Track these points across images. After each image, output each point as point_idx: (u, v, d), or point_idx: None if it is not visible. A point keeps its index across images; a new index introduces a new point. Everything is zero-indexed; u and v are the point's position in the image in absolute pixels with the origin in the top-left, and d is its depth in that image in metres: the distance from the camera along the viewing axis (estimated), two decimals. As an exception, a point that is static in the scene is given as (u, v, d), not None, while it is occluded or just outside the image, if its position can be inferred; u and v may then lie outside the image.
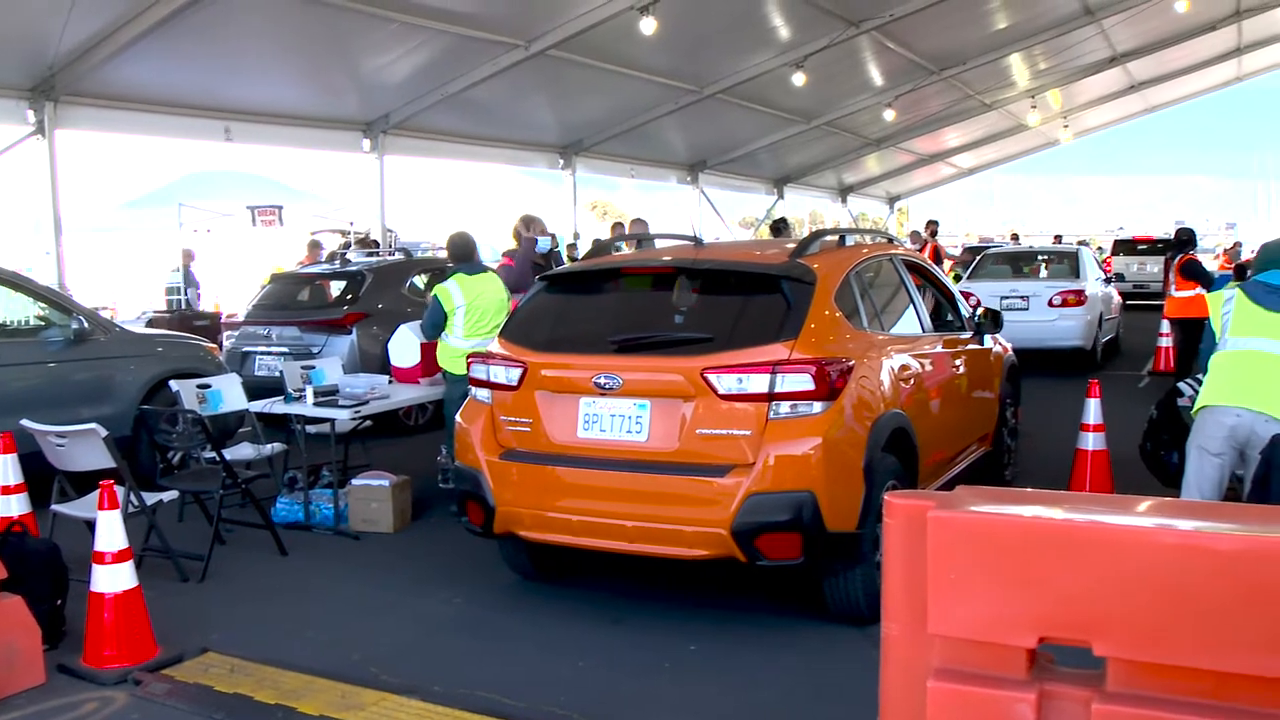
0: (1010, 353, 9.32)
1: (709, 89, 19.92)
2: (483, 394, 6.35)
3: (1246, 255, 29.62)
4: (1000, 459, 8.85)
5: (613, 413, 5.85)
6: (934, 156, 34.29)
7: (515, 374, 6.13)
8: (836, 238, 7.26)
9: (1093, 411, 8.56)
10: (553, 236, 10.42)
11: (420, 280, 12.91)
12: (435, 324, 8.42)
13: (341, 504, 8.13)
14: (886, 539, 2.12)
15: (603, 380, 5.79)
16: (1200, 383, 6.24)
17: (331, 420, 8.11)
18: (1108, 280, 19.30)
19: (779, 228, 18.81)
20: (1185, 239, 15.20)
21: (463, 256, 8.69)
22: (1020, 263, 19.10)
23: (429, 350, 8.92)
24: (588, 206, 62.88)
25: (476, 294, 8.42)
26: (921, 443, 6.49)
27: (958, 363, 7.79)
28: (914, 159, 33.62)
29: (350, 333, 11.53)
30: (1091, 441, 8.53)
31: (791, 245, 6.64)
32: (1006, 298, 16.17)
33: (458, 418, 6.54)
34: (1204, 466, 5.88)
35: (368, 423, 8.96)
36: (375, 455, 9.45)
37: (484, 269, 8.77)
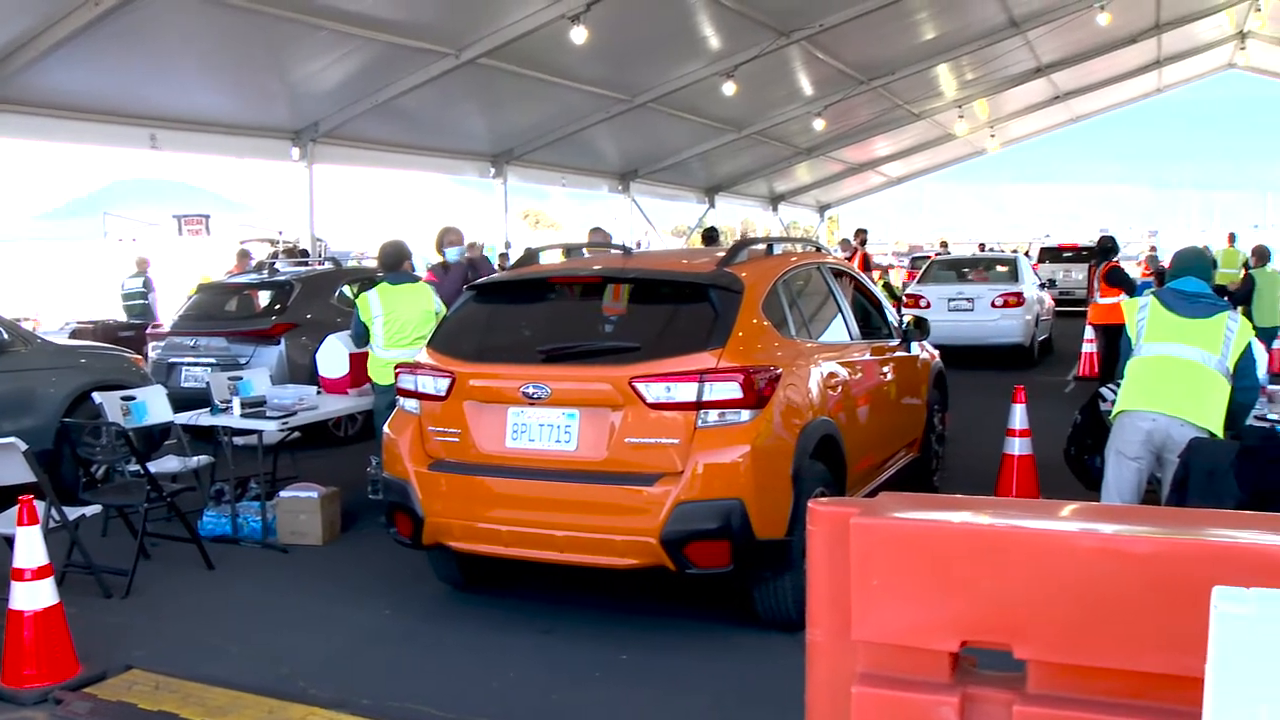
0: (938, 359, 9.45)
1: (640, 98, 19.98)
2: (411, 404, 6.30)
3: (1165, 262, 30.20)
4: (929, 464, 8.93)
5: (541, 422, 5.83)
6: (863, 165, 34.64)
7: (443, 384, 6.09)
8: (764, 246, 7.31)
9: (1018, 417, 8.70)
10: (470, 246, 10.43)
11: (350, 290, 12.80)
12: (358, 334, 8.42)
13: (269, 516, 8.03)
14: (810, 546, 2.14)
15: (531, 390, 5.77)
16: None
17: (259, 432, 8.01)
18: (1042, 285, 20.46)
19: (711, 236, 18.89)
20: (1109, 247, 15.47)
21: (391, 266, 8.64)
22: (965, 268, 20.09)
23: (358, 361, 8.84)
24: (519, 215, 62.73)
25: (396, 305, 8.31)
26: (849, 450, 6.54)
27: (885, 370, 7.86)
28: (844, 168, 33.94)
29: (278, 343, 11.39)
30: (1017, 447, 8.66)
31: (720, 254, 6.70)
32: (953, 299, 17.96)
33: (385, 428, 6.50)
34: (1122, 470, 5.99)
35: (296, 434, 8.87)
36: (304, 467, 9.35)
37: (411, 279, 8.71)
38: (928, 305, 17.99)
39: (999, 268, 19.70)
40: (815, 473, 6.04)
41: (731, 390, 5.56)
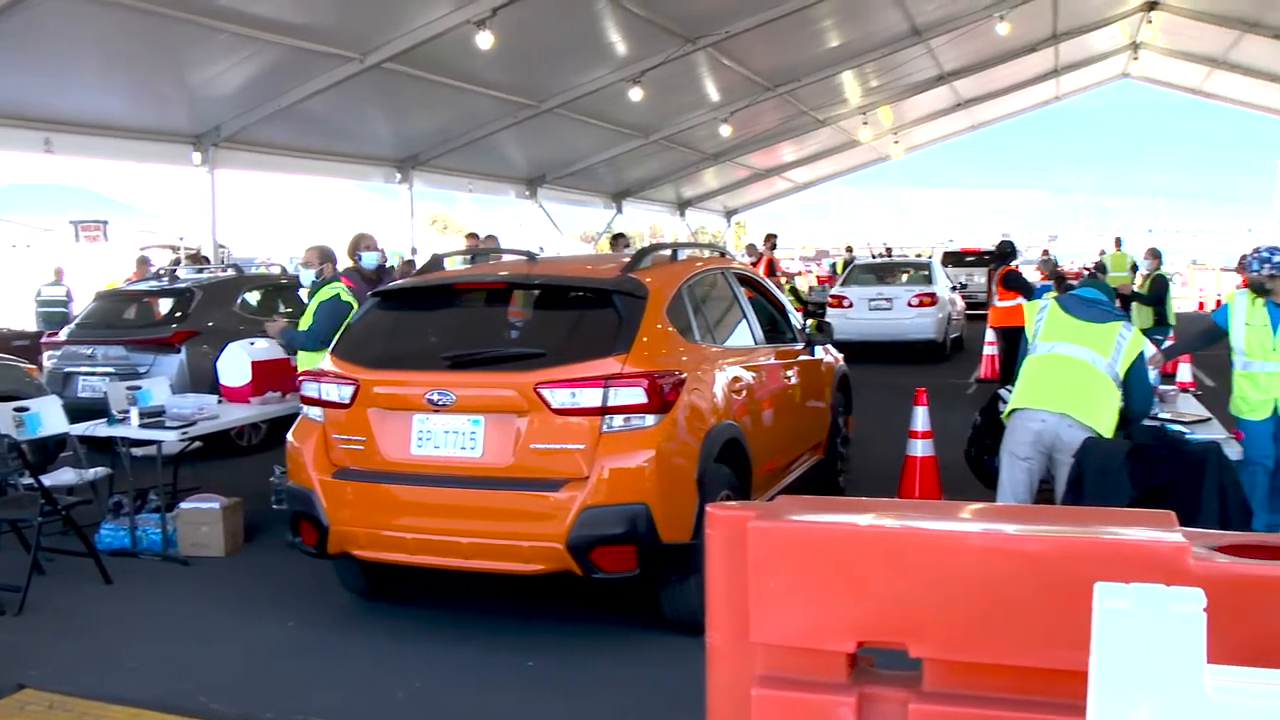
0: (841, 363, 9.58)
1: (547, 103, 19.94)
2: (315, 412, 6.26)
3: (1066, 266, 30.85)
4: (834, 466, 9.02)
5: (446, 429, 5.83)
6: (770, 171, 34.91)
7: (347, 392, 6.05)
8: (669, 252, 7.34)
9: (920, 419, 8.84)
10: (382, 252, 10.29)
11: (253, 297, 12.61)
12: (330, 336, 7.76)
13: (170, 528, 7.88)
14: (708, 550, 2.15)
15: (436, 397, 5.77)
16: None
17: (158, 442, 7.86)
18: (954, 287, 22.06)
19: (618, 242, 18.95)
20: (1007, 251, 15.81)
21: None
22: (884, 272, 21.89)
23: (260, 369, 8.72)
24: (427, 221, 62.23)
25: None
26: (754, 453, 6.62)
27: (789, 373, 7.95)
28: (750, 173, 34.16)
29: (179, 351, 11.19)
30: (920, 448, 8.80)
31: (624, 259, 6.75)
32: (874, 300, 19.77)
33: (289, 436, 6.44)
34: (1014, 470, 6.12)
35: (197, 444, 8.73)
36: (206, 477, 9.21)
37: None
38: (850, 305, 19.82)
39: (915, 271, 21.60)
40: (720, 476, 6.10)
41: (636, 395, 5.60)
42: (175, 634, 6.31)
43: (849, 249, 38.79)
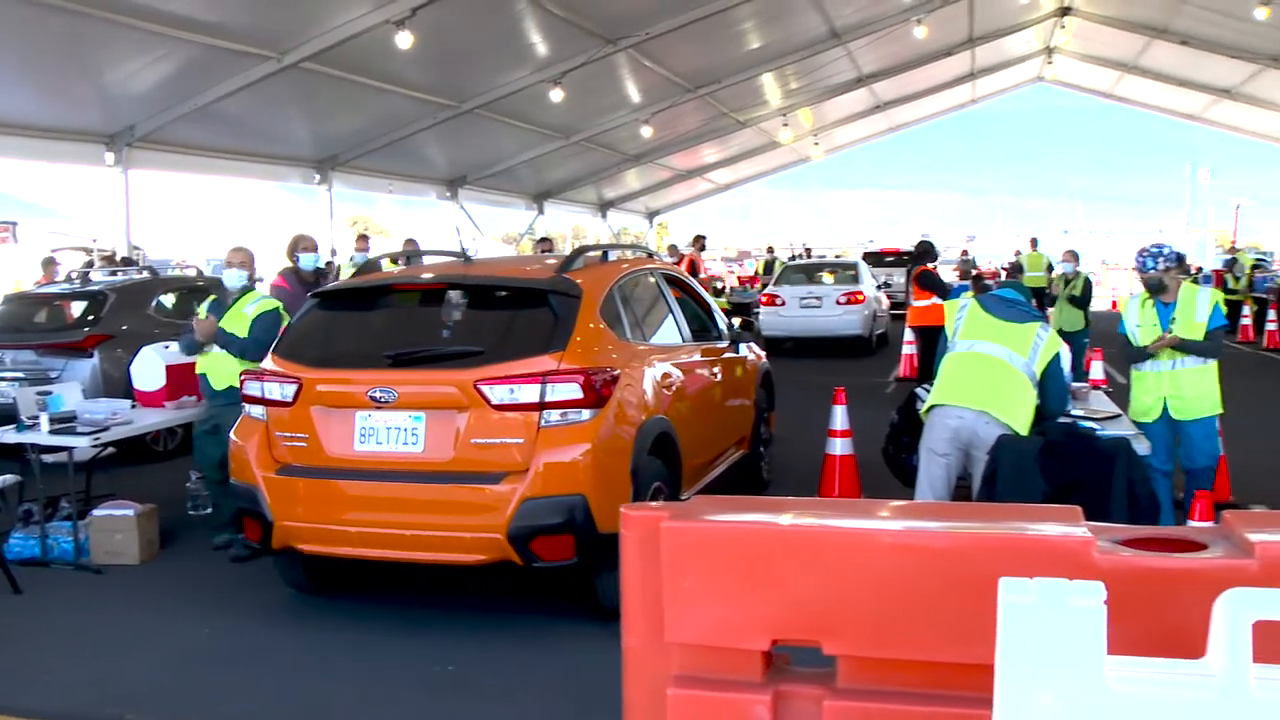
0: (764, 360, 9.81)
1: (468, 104, 19.86)
2: (257, 411, 6.37)
3: (983, 266, 31.35)
4: (758, 461, 9.24)
5: (389, 425, 5.98)
6: (692, 172, 35.04)
7: (290, 390, 6.17)
8: (599, 253, 7.53)
9: (839, 418, 8.92)
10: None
11: (168, 300, 12.40)
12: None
13: (82, 536, 7.71)
14: (623, 551, 2.15)
15: (378, 394, 5.92)
16: None
17: (69, 449, 7.70)
18: (879, 286, 22.94)
19: (541, 245, 18.95)
20: (922, 251, 16.00)
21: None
22: (814, 271, 22.78)
23: (175, 373, 8.58)
24: (347, 222, 61.57)
25: None
26: (684, 447, 6.83)
27: (715, 370, 8.13)
28: (672, 174, 34.27)
29: (91, 355, 10.96)
30: (839, 447, 8.88)
31: (556, 261, 7.01)
32: (804, 298, 20.70)
33: (232, 435, 6.57)
34: (931, 467, 6.21)
35: (110, 450, 8.56)
36: (120, 484, 9.03)
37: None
38: (783, 303, 20.78)
39: (843, 271, 22.64)
40: (653, 469, 6.34)
41: (572, 391, 5.81)
42: (89, 644, 6.17)
43: (770, 249, 38.99)
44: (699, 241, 22.17)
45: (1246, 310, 24.74)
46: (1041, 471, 5.44)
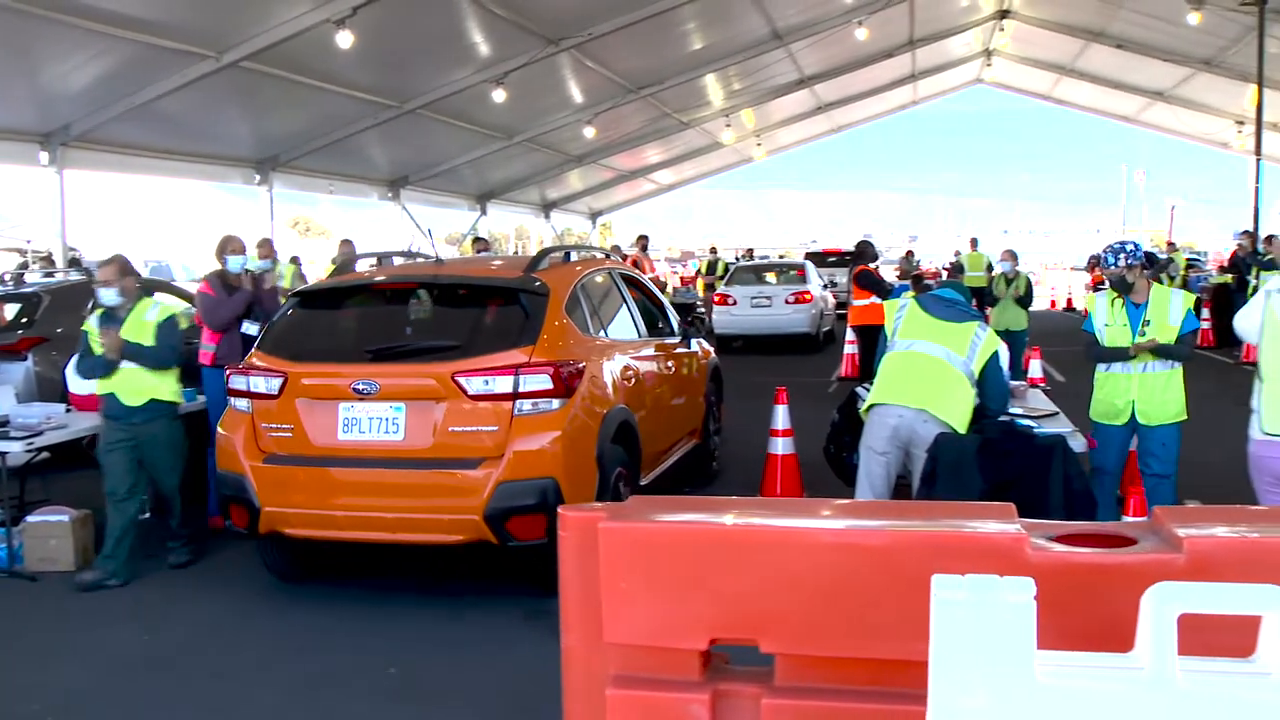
0: (713, 355, 10.29)
1: (409, 104, 19.73)
2: (242, 404, 6.70)
3: (925, 266, 31.62)
4: (708, 451, 9.73)
5: (371, 416, 6.36)
6: (635, 173, 35.06)
7: (275, 384, 6.53)
8: (562, 254, 8.11)
9: (781, 417, 8.98)
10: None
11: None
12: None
13: (16, 543, 7.58)
14: (561, 552, 2.15)
15: (361, 386, 6.31)
16: None
17: (2, 453, 7.57)
18: (825, 286, 23.88)
19: (477, 245, 18.91)
20: (862, 251, 16.12)
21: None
22: (764, 272, 23.85)
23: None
24: (288, 223, 61.11)
25: None
26: (643, 435, 7.35)
27: (670, 364, 8.67)
28: (615, 175, 34.27)
29: (25, 359, 10.78)
30: (781, 446, 8.94)
31: (523, 261, 7.53)
32: (755, 298, 21.61)
33: (218, 427, 6.90)
34: (871, 465, 6.25)
35: (45, 455, 8.43)
36: (55, 489, 8.88)
37: None
38: (734, 303, 21.65)
39: (791, 271, 23.74)
40: (615, 455, 6.81)
41: (543, 382, 6.25)
42: (22, 653, 6.08)
43: (713, 250, 39.10)
44: (641, 241, 22.23)
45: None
46: (980, 469, 5.49)
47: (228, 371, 6.91)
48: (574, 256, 8.26)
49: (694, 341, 9.55)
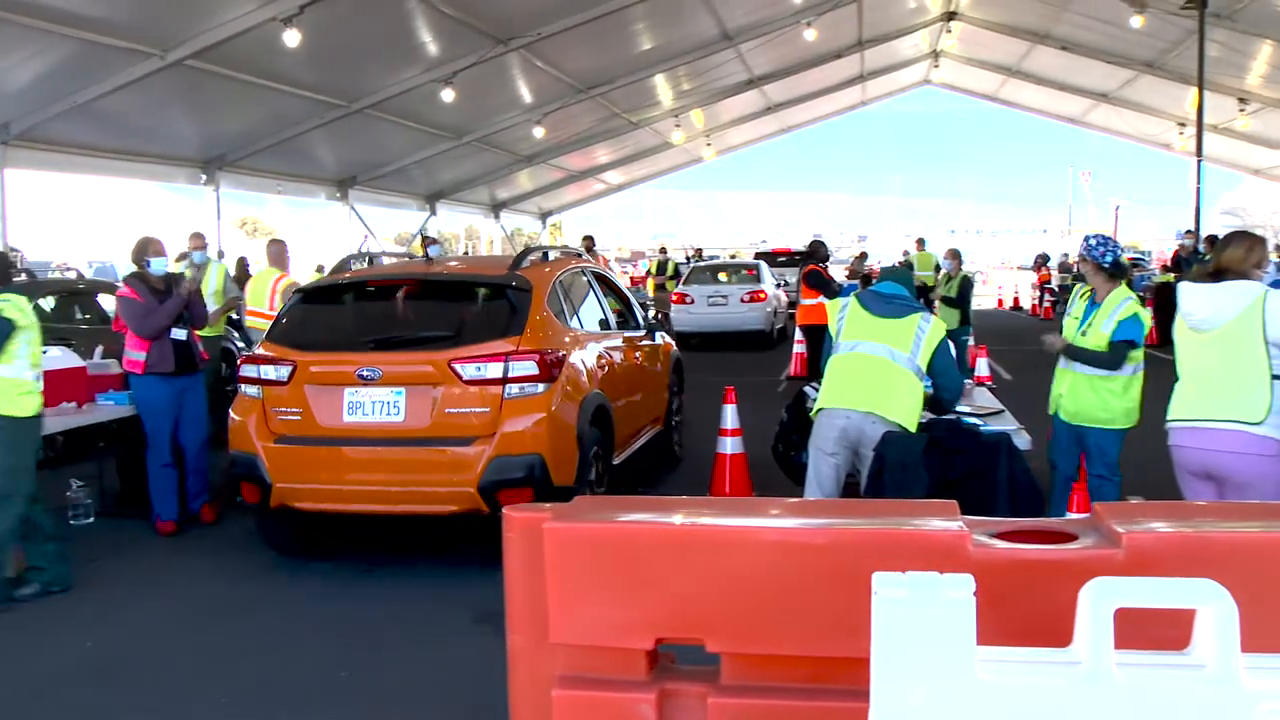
0: (675, 348, 11.02)
1: (357, 104, 19.61)
2: (252, 390, 7.29)
3: (875, 265, 31.81)
4: (670, 437, 10.41)
5: (373, 399, 6.99)
6: (585, 173, 35.03)
7: (285, 371, 7.14)
8: (540, 253, 8.77)
9: (729, 417, 9.02)
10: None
11: (47, 304, 12.08)
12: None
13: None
14: (506, 553, 2.14)
15: (365, 372, 6.96)
16: None
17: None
18: (778, 285, 24.80)
19: (427, 244, 18.83)
20: (811, 250, 16.22)
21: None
22: (720, 272, 25.02)
23: (53, 379, 8.28)
24: (235, 223, 60.52)
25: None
26: (616, 418, 8.07)
27: (638, 355, 9.41)
28: (565, 175, 34.23)
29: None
30: (729, 446, 8.98)
31: (507, 259, 8.23)
32: (712, 296, 22.64)
33: (231, 411, 7.42)
34: (820, 466, 6.25)
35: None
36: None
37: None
38: (692, 301, 22.67)
39: (746, 271, 24.80)
40: (592, 435, 7.47)
41: (529, 368, 6.95)
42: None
43: (663, 250, 39.15)
44: (586, 242, 22.24)
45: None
46: (927, 467, 5.53)
47: (240, 360, 7.50)
48: (551, 256, 8.94)
49: (658, 335, 10.26)
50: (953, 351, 6.42)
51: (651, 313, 10.70)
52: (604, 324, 8.93)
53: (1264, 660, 1.49)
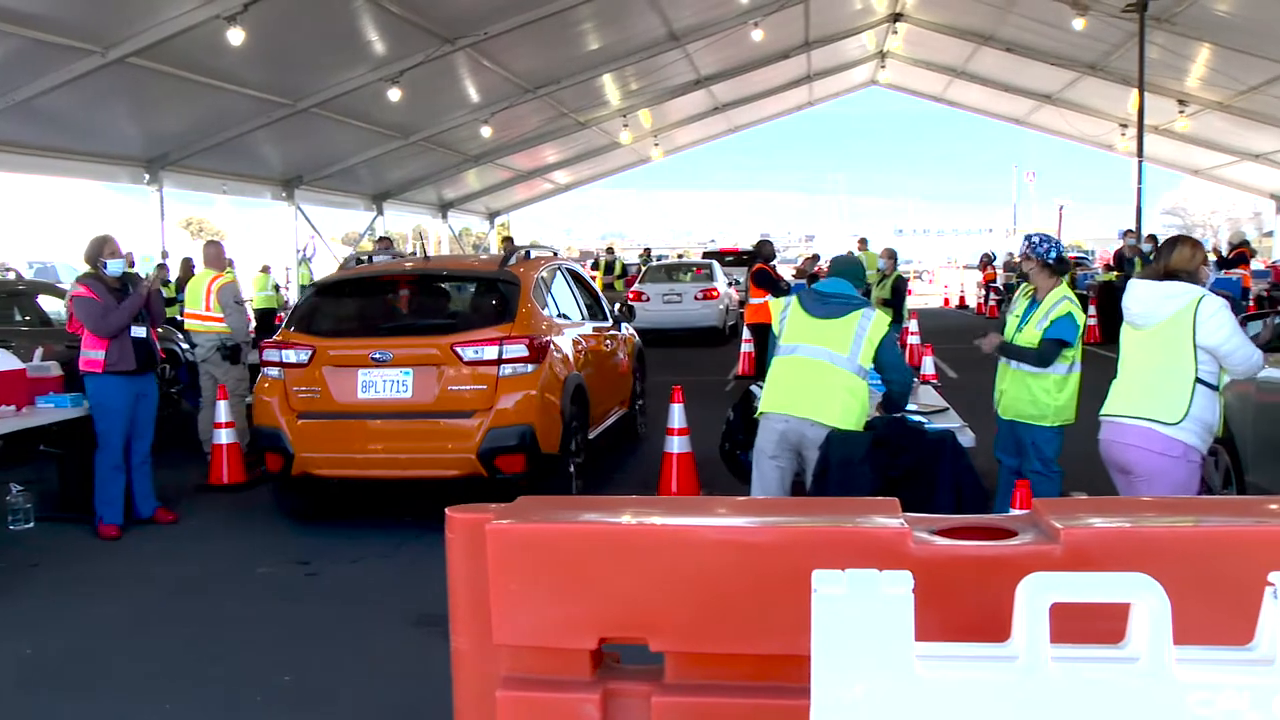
0: (637, 339, 12.08)
1: (303, 103, 19.46)
2: (274, 372, 8.27)
3: (824, 265, 31.96)
4: (635, 418, 11.49)
5: (384, 379, 7.99)
6: (533, 172, 34.96)
7: (305, 355, 8.13)
8: (523, 252, 9.57)
9: (677, 416, 9.04)
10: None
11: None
12: None
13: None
14: (449, 553, 2.14)
15: (377, 355, 7.98)
16: None
17: None
18: (730, 283, 25.71)
19: (380, 244, 18.73)
20: (759, 249, 16.30)
21: None
22: (675, 271, 26.41)
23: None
24: (180, 223, 59.83)
25: None
26: (591, 397, 9.09)
27: (607, 343, 10.46)
28: (513, 175, 34.14)
29: None
30: (676, 445, 9.00)
31: (498, 257, 9.34)
32: (667, 294, 23.77)
33: (254, 391, 8.54)
34: (765, 469, 6.19)
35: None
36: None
37: None
38: (648, 299, 23.52)
39: (699, 270, 25.92)
40: (572, 411, 8.47)
41: (521, 351, 7.96)
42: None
43: (610, 250, 39.16)
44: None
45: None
46: (872, 465, 5.55)
47: (263, 345, 8.50)
48: (533, 254, 9.72)
49: (624, 326, 11.40)
50: (897, 346, 6.38)
51: (618, 306, 12.01)
52: (579, 315, 9.93)
53: (1196, 652, 1.52)
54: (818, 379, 6.05)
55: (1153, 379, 5.37)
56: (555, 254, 11.04)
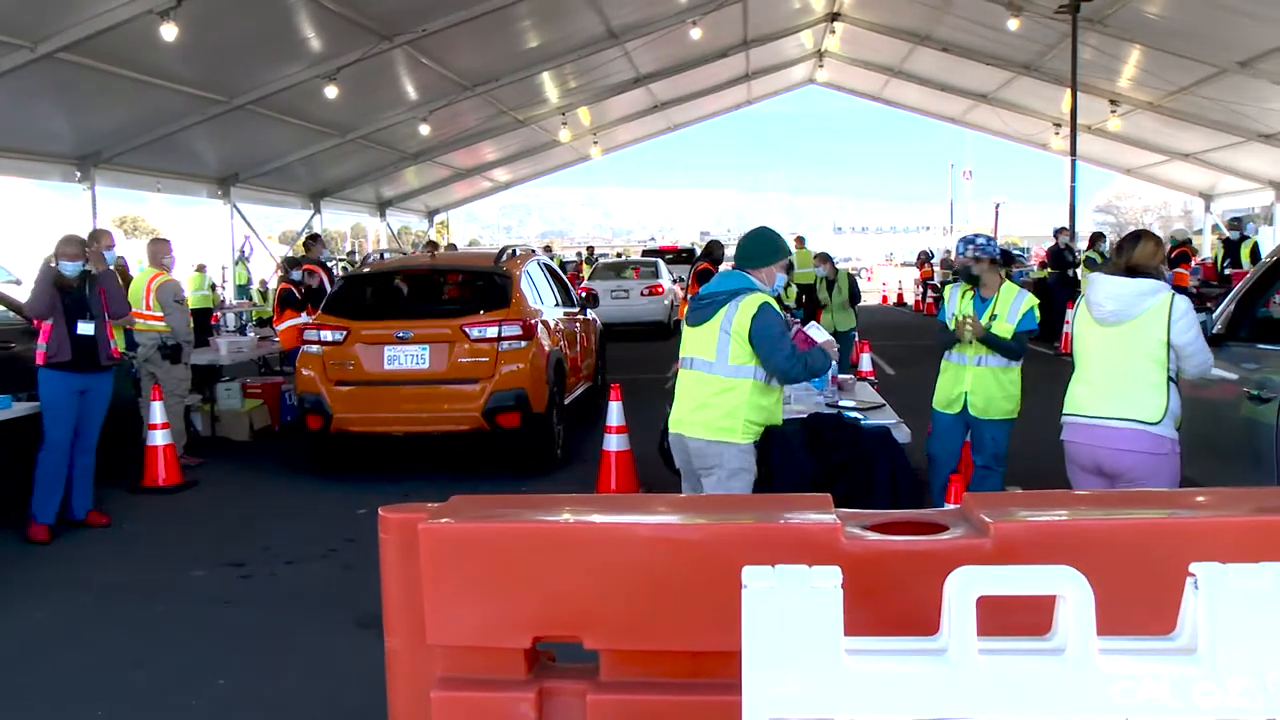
0: (598, 322, 14.38)
1: (238, 100, 19.20)
2: (314, 349, 10.14)
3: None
4: (596, 392, 13.30)
5: (407, 353, 9.90)
6: (472, 170, 34.81)
7: (340, 335, 10.05)
8: (512, 250, 11.84)
9: (614, 414, 9.07)
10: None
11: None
12: None
13: None
14: (383, 554, 2.12)
15: (401, 334, 9.92)
16: None
17: None
18: (675, 280, 27.24)
19: (314, 244, 18.54)
20: (707, 249, 16.34)
21: None
22: (622, 269, 28.09)
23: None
24: (114, 221, 58.87)
25: None
26: (568, 370, 11.26)
27: (577, 326, 12.50)
28: (452, 173, 33.96)
29: None
30: (614, 443, 9.02)
31: (492, 254, 11.72)
32: (615, 291, 24.93)
33: (297, 364, 10.44)
34: (682, 484, 5.89)
35: None
36: None
37: None
38: (594, 293, 24.09)
39: (646, 268, 27.48)
40: (555, 379, 10.41)
41: (516, 330, 9.92)
42: None
43: (548, 248, 39.10)
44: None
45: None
46: (808, 455, 5.53)
47: (306, 326, 10.83)
48: (518, 252, 11.94)
49: (589, 311, 13.66)
50: (770, 321, 5.46)
51: (584, 294, 14.56)
52: (554, 302, 11.83)
53: (1119, 643, 1.54)
54: (694, 391, 5.65)
55: (1126, 378, 5.37)
56: (534, 252, 13.56)
